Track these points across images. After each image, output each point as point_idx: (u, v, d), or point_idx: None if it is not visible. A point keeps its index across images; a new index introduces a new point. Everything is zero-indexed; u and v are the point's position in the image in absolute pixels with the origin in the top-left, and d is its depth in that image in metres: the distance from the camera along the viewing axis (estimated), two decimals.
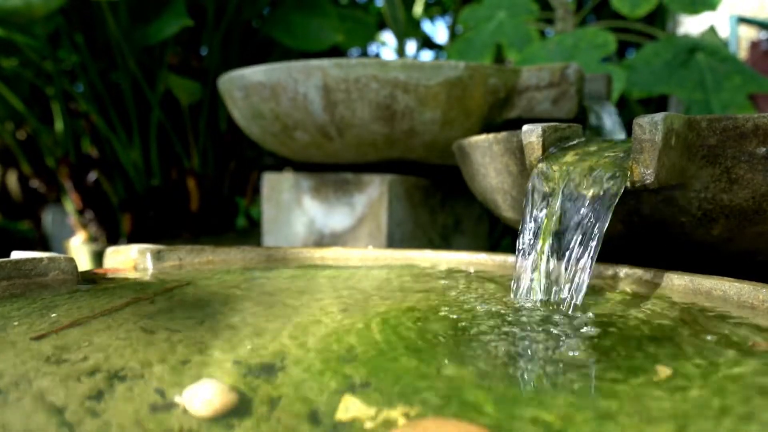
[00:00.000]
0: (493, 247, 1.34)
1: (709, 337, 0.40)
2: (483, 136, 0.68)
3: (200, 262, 0.64)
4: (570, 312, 0.46)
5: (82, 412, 0.29)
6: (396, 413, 0.29)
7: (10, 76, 1.56)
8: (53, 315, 0.43)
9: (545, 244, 0.51)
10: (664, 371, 0.34)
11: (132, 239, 1.54)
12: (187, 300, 0.49)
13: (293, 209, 1.07)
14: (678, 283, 0.52)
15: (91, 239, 1.62)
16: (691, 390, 0.32)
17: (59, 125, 1.58)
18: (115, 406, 0.30)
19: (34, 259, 0.53)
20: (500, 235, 1.38)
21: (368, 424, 0.28)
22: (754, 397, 0.31)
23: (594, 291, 0.53)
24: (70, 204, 1.62)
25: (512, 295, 0.51)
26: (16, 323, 0.41)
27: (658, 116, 0.47)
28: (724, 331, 0.41)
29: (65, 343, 0.38)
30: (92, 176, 1.58)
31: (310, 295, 0.52)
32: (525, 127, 0.57)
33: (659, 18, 1.92)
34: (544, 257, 0.51)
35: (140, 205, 1.55)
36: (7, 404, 0.29)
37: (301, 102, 0.89)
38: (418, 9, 2.21)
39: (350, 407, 0.30)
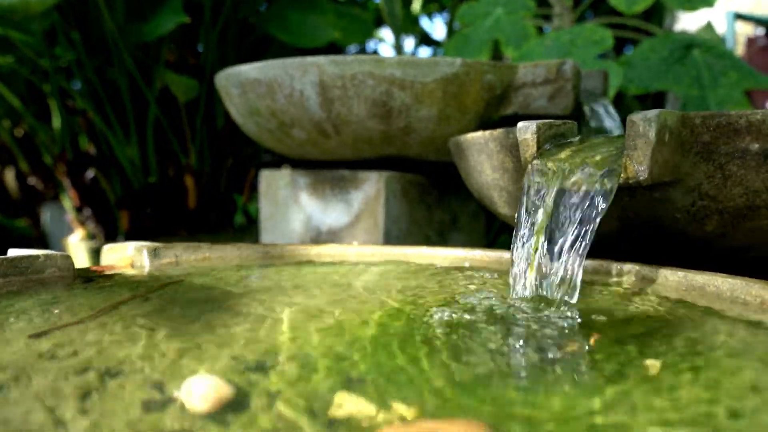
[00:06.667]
0: (490, 243, 1.34)
1: (700, 334, 0.40)
2: (479, 133, 0.68)
3: (197, 260, 0.64)
4: (563, 308, 0.47)
5: (78, 408, 0.29)
6: (393, 410, 0.29)
7: (6, 73, 1.56)
8: (53, 312, 0.43)
9: (540, 240, 0.51)
10: (654, 366, 0.35)
11: (129, 236, 1.54)
12: (184, 297, 0.50)
13: (290, 206, 1.07)
14: (672, 279, 0.52)
15: (89, 237, 1.62)
16: (681, 386, 0.32)
17: (56, 122, 1.58)
18: (110, 402, 0.30)
19: (30, 256, 0.53)
20: (497, 232, 1.38)
21: (365, 422, 0.28)
22: (745, 392, 0.31)
23: (588, 287, 0.53)
24: (68, 201, 1.62)
25: (507, 292, 0.52)
26: (12, 320, 0.41)
27: (652, 113, 0.48)
28: (715, 327, 0.42)
29: (61, 340, 0.38)
30: (90, 174, 1.58)
31: (307, 291, 0.52)
32: (520, 124, 0.57)
33: (656, 14, 1.92)
34: (539, 253, 0.51)
35: (137, 203, 1.55)
36: (7, 400, 0.30)
37: (297, 99, 0.89)
38: (415, 5, 2.21)
39: (347, 404, 0.30)
